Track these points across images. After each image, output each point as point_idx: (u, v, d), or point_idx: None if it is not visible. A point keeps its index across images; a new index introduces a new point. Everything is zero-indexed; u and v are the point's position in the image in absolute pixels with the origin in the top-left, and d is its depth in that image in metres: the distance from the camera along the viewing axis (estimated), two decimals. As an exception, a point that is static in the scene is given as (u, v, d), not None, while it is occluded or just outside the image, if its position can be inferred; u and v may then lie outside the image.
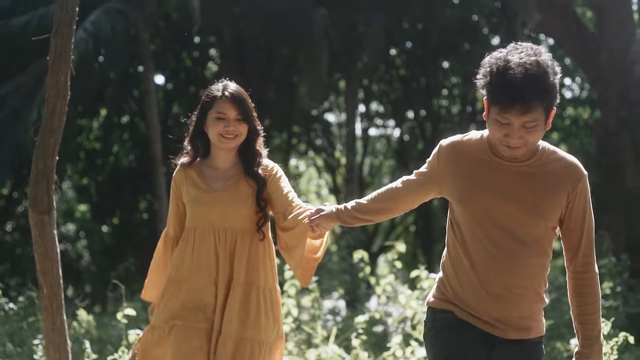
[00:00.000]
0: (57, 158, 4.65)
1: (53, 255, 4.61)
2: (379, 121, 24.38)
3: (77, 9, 4.70)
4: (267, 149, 4.17)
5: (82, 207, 23.44)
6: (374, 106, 23.82)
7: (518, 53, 3.14)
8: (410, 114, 22.41)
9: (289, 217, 3.92)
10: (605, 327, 5.04)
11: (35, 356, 6.80)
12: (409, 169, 22.74)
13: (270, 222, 4.13)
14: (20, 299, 8.73)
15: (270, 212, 4.12)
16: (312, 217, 3.79)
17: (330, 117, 23.79)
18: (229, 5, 15.89)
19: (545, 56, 3.16)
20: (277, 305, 4.09)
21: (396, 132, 24.04)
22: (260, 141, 4.11)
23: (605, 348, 4.91)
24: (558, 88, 3.15)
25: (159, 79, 21.03)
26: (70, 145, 16.23)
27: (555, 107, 3.17)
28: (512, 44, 3.24)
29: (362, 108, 23.54)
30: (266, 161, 4.12)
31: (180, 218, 4.18)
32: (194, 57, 21.01)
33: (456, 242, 3.37)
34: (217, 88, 4.06)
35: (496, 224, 3.26)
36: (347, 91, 19.09)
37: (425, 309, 3.54)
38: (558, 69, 3.17)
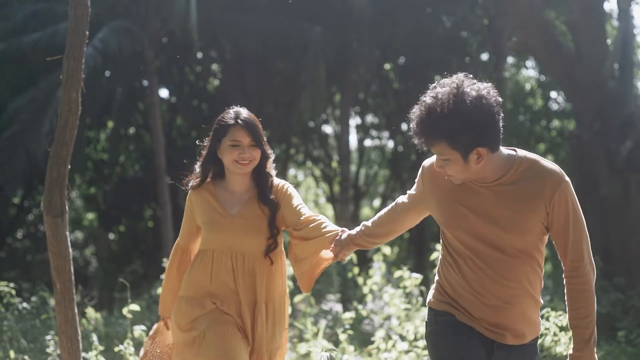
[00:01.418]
0: (69, 167, 4.98)
1: (66, 254, 4.91)
2: (374, 133, 24.62)
3: (87, 32, 4.98)
4: (275, 171, 4.17)
5: (90, 216, 23.63)
6: (369, 118, 24.06)
7: (441, 89, 3.14)
8: (404, 126, 22.67)
9: (310, 225, 3.93)
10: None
11: (47, 350, 7.13)
12: (402, 178, 23.06)
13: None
14: (33, 298, 9.03)
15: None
16: (335, 252, 3.81)
17: (327, 129, 24.05)
18: (230, 24, 16.21)
19: (469, 92, 3.09)
20: (284, 312, 4.16)
21: (390, 144, 24.27)
22: (270, 163, 4.12)
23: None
24: (479, 127, 3.08)
25: (163, 93, 21.23)
26: (78, 155, 16.51)
27: (483, 146, 3.11)
28: (452, 78, 3.19)
29: (358, 120, 23.82)
30: (276, 180, 4.14)
31: (191, 232, 4.19)
32: (196, 72, 21.25)
33: (449, 258, 3.37)
34: (229, 116, 4.05)
35: (482, 243, 3.24)
36: (342, 104, 19.40)
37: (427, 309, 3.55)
38: (484, 108, 3.08)
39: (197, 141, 4.28)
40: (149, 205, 21.81)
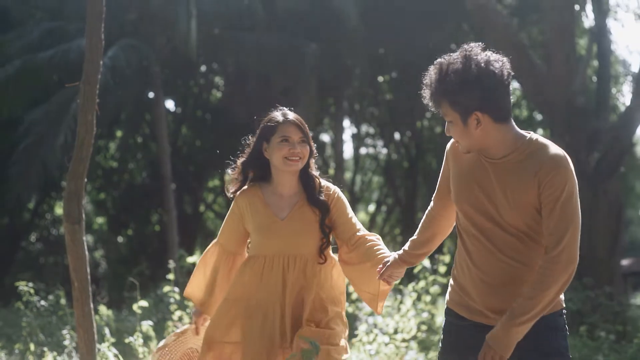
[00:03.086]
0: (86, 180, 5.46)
1: (82, 256, 5.33)
2: (369, 141, 25.07)
3: (101, 62, 5.44)
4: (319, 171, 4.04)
5: (100, 220, 24.05)
6: (364, 128, 24.51)
7: (455, 53, 3.13)
8: (397, 135, 23.13)
9: (363, 247, 3.81)
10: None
11: (64, 343, 7.60)
12: (395, 185, 23.53)
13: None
14: (50, 297, 9.50)
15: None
16: (382, 272, 3.61)
17: (325, 138, 24.48)
18: (231, 41, 16.69)
19: (477, 58, 3.05)
20: (339, 308, 3.94)
21: (384, 152, 24.74)
22: (314, 162, 3.97)
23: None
24: (480, 90, 3.02)
25: (169, 104, 21.70)
26: (89, 163, 16.91)
27: (482, 111, 3.05)
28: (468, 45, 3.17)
29: (353, 130, 24.29)
30: (325, 183, 3.96)
31: (238, 237, 4.00)
32: (200, 85, 21.70)
33: (459, 239, 3.29)
34: (277, 114, 3.90)
35: (485, 218, 3.15)
36: (336, 114, 19.86)
37: None
38: (489, 74, 3.02)
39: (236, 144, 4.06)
40: (156, 211, 22.18)
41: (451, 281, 3.35)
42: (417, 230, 3.54)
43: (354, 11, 15.92)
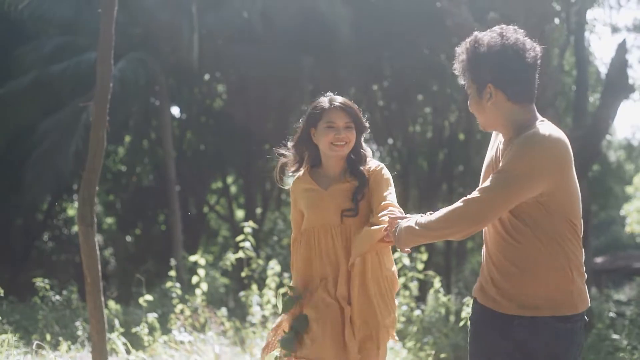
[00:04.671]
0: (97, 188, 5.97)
1: (94, 255, 5.77)
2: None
3: (111, 84, 5.92)
4: (371, 150, 4.01)
5: (109, 220, 24.47)
6: (359, 132, 24.93)
7: (489, 30, 3.10)
8: (390, 140, 23.56)
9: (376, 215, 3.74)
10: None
11: (78, 333, 8.10)
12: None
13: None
14: (64, 292, 10.00)
15: None
16: (391, 220, 3.51)
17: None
18: (232, 53, 17.19)
19: (508, 36, 3.03)
20: (390, 295, 3.88)
21: (377, 155, 25.16)
22: (362, 140, 3.93)
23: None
24: (499, 66, 3.00)
25: (175, 110, 22.09)
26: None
27: (496, 86, 3.02)
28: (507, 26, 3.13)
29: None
30: (374, 162, 3.93)
31: (297, 222, 4.02)
32: (204, 92, 22.12)
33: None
34: (324, 100, 3.90)
35: None
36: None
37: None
38: (514, 53, 2.99)
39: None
40: (162, 211, 22.55)
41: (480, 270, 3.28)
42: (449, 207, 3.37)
43: (345, 25, 16.39)
